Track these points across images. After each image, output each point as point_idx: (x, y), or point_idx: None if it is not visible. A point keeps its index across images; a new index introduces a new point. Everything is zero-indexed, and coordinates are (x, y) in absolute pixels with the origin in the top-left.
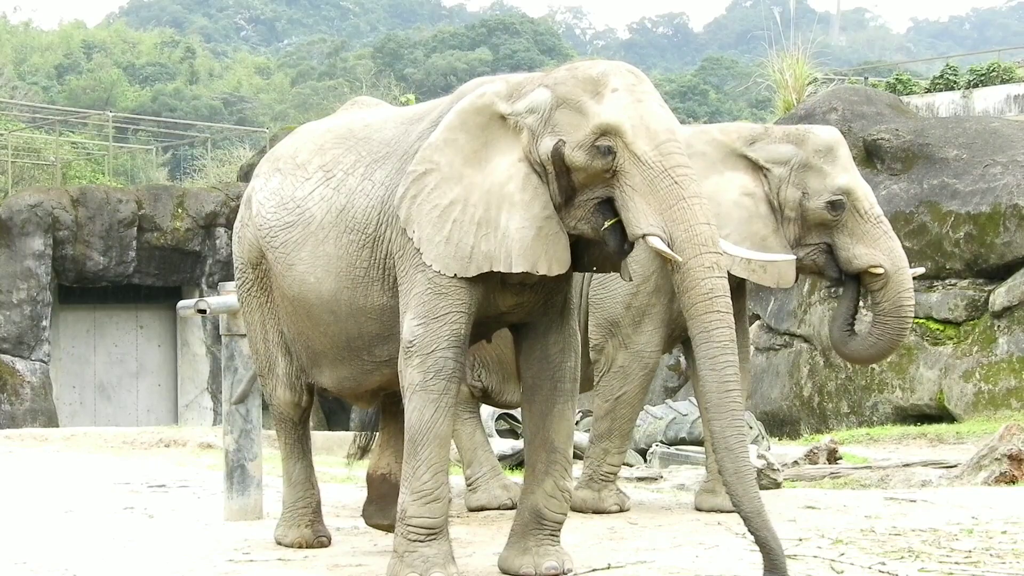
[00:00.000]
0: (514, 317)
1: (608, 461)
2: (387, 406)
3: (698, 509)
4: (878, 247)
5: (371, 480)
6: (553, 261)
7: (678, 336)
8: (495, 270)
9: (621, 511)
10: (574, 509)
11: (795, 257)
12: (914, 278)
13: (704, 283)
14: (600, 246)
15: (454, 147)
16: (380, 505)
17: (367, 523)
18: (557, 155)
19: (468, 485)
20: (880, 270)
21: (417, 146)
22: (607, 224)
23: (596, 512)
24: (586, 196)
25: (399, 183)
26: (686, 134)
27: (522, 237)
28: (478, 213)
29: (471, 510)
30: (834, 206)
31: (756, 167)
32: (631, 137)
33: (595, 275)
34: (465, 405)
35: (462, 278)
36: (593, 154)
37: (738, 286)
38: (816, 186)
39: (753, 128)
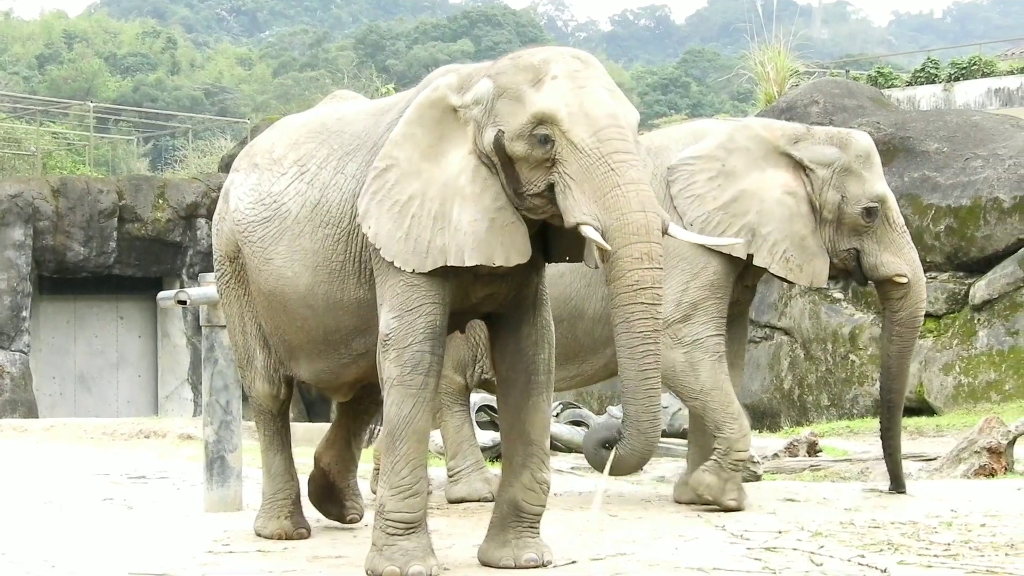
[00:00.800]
0: (486, 308)
1: (736, 447)
2: (343, 403)
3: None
4: (903, 256)
5: (315, 467)
6: (511, 251)
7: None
8: (449, 264)
9: (738, 509)
10: (694, 491)
11: (739, 241)
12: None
13: (630, 274)
14: (566, 235)
15: (412, 142)
16: (319, 496)
17: (310, 500)
18: (499, 146)
19: (450, 476)
20: (904, 279)
21: (385, 138)
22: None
23: (713, 501)
24: (534, 187)
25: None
26: (728, 127)
27: (475, 230)
28: (434, 208)
29: (451, 502)
30: (869, 212)
31: (799, 166)
32: (568, 124)
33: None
34: (456, 397)
35: (433, 272)
36: (532, 143)
37: (744, 288)
38: (855, 191)
39: (796, 127)
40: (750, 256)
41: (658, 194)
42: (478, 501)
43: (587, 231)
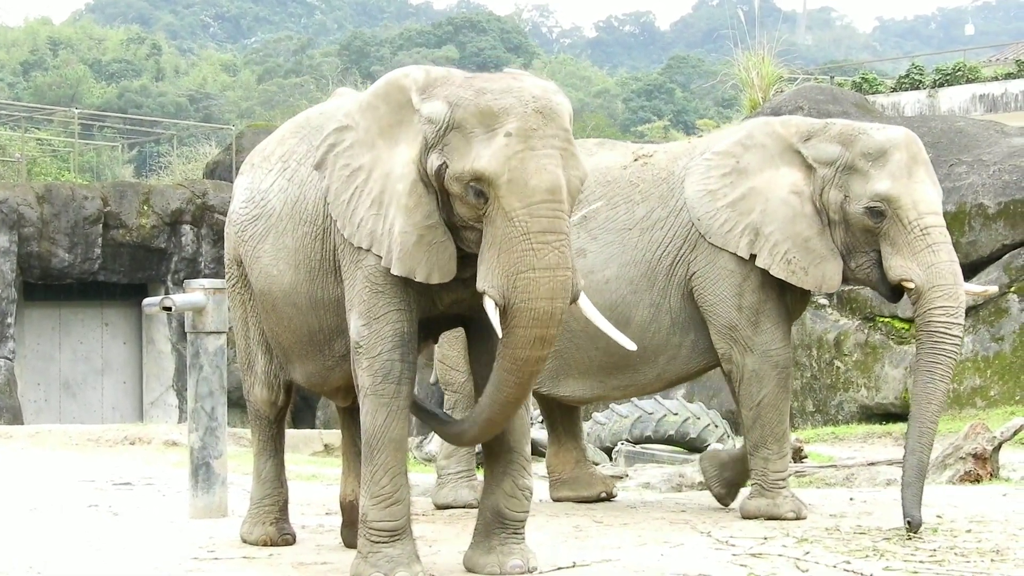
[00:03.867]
0: (456, 312)
1: (772, 469)
2: (344, 427)
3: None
4: (916, 260)
5: (343, 507)
6: (434, 269)
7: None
8: (373, 253)
9: (798, 518)
10: (747, 518)
11: (632, 346)
12: (974, 294)
13: (519, 351)
14: None
15: (375, 114)
16: (354, 529)
17: (345, 544)
18: (439, 177)
19: (438, 478)
20: (911, 284)
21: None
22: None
23: (772, 519)
24: (465, 221)
25: None
26: (750, 125)
27: (403, 242)
28: (375, 190)
29: (437, 507)
30: (872, 213)
31: (808, 165)
32: (504, 192)
33: (696, 280)
34: (469, 400)
35: (397, 277)
36: (468, 191)
37: (802, 294)
38: (858, 190)
39: (812, 124)
40: (753, 257)
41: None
42: (463, 507)
43: (487, 304)
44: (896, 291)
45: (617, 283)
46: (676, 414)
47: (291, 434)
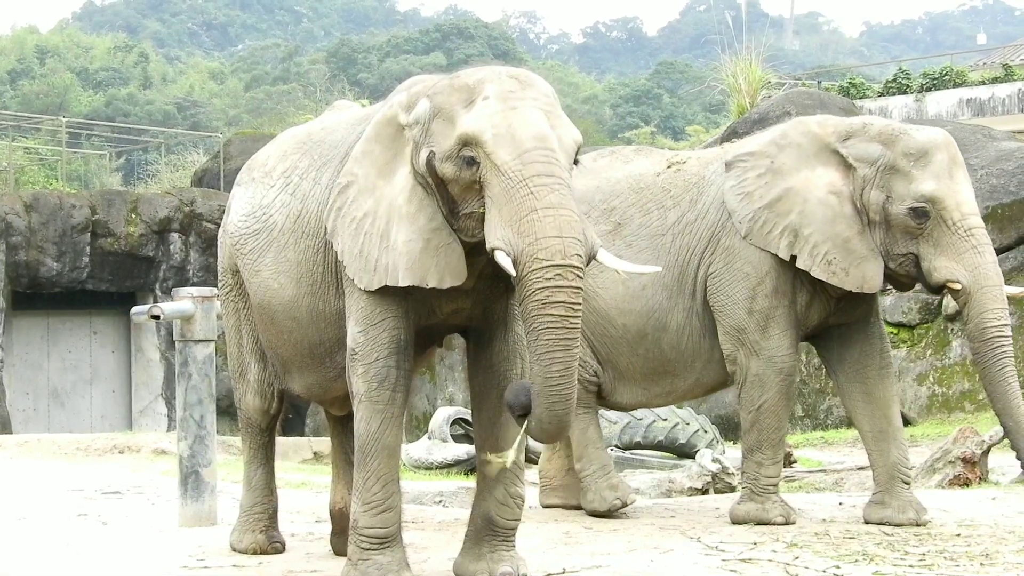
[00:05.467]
0: (456, 321)
1: (764, 474)
2: (334, 435)
3: (867, 521)
4: (961, 261)
5: (333, 514)
6: (445, 273)
7: (806, 337)
8: (390, 284)
9: (787, 523)
10: (737, 523)
11: (657, 269)
12: (1013, 296)
13: (539, 292)
14: None
15: (370, 159)
16: (344, 537)
17: (335, 552)
18: (430, 167)
19: (581, 483)
20: (957, 286)
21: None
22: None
23: (761, 523)
24: (466, 208)
25: None
26: (784, 125)
27: (409, 251)
28: (382, 226)
29: (588, 515)
30: (916, 213)
31: (847, 165)
32: (492, 147)
33: (711, 281)
34: (580, 400)
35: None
36: (459, 165)
37: (834, 301)
38: (900, 191)
39: (851, 123)
40: (793, 258)
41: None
42: (607, 511)
43: (499, 256)
44: (939, 287)
45: (653, 289)
46: (665, 420)
47: (281, 442)
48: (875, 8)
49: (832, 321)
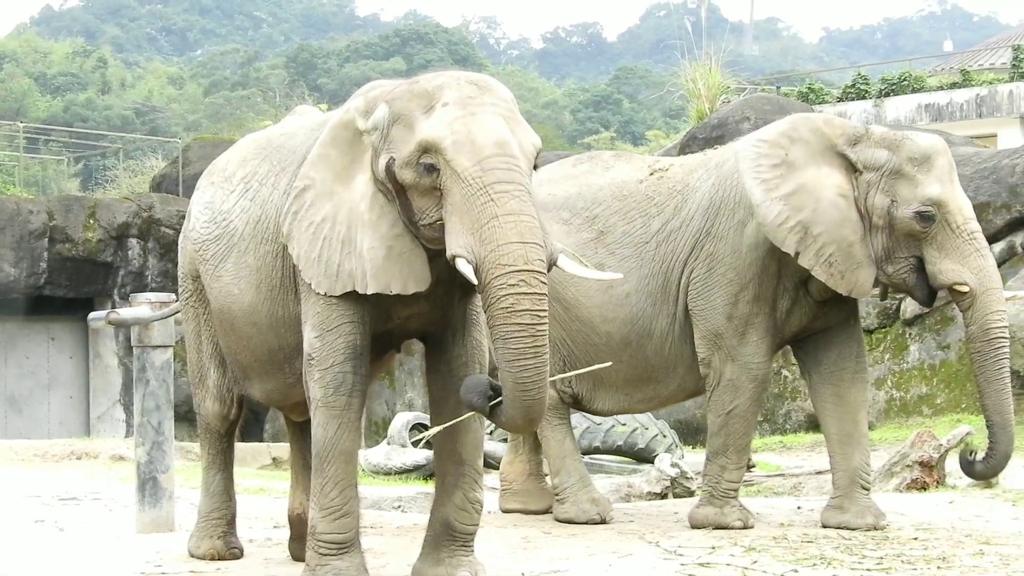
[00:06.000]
0: (415, 326)
1: (726, 478)
2: (293, 440)
3: (824, 525)
4: (967, 264)
5: (291, 520)
6: (408, 279)
7: (783, 343)
8: (355, 290)
9: (745, 527)
10: (696, 527)
11: (619, 276)
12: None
13: (504, 299)
14: None
15: (327, 163)
16: (302, 543)
17: (293, 558)
18: (390, 173)
19: (556, 496)
20: (965, 288)
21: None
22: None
23: (719, 528)
24: (426, 216)
25: None
26: (792, 117)
27: (373, 258)
28: (343, 231)
29: (559, 521)
30: (923, 217)
31: (852, 168)
32: (451, 153)
33: (693, 286)
34: (554, 412)
35: (351, 291)
36: (419, 172)
37: (818, 305)
38: (906, 195)
39: (855, 128)
40: (797, 255)
41: (715, 203)
42: (586, 523)
43: (460, 264)
44: (931, 295)
45: (637, 296)
46: (624, 424)
47: (239, 447)
48: (834, 14)
49: (817, 326)
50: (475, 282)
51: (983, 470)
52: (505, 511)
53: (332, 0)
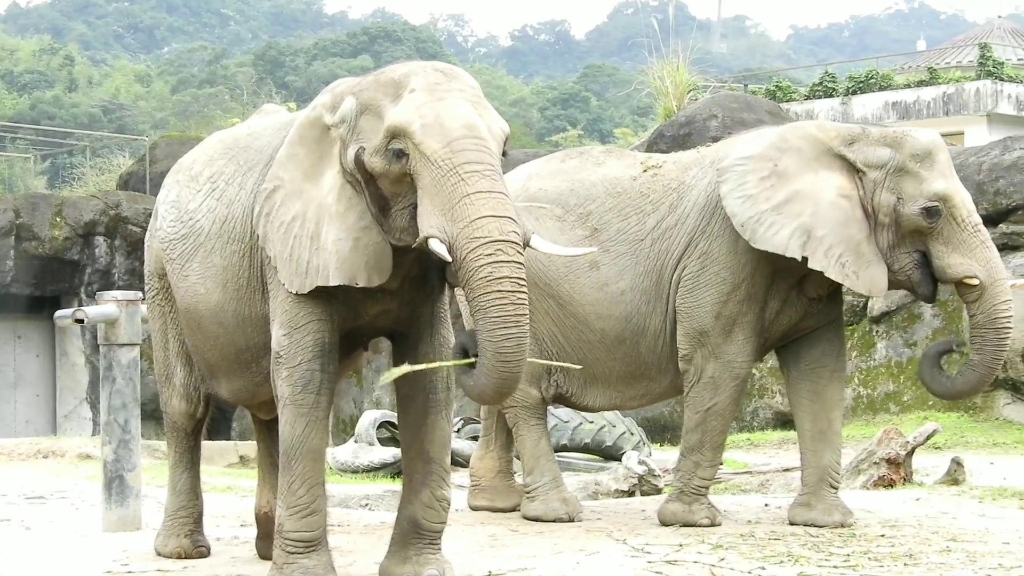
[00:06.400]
0: (383, 323)
1: (699, 475)
2: (260, 439)
3: (792, 523)
4: (974, 257)
5: (258, 518)
6: (374, 272)
7: (771, 345)
8: (321, 284)
9: (712, 525)
10: (664, 523)
11: (593, 250)
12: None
13: (481, 269)
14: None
15: (295, 162)
16: (269, 541)
17: (260, 556)
18: (359, 163)
19: (527, 494)
20: (975, 281)
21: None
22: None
23: (686, 525)
24: (399, 204)
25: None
26: (781, 128)
27: (339, 249)
28: (311, 228)
29: (526, 519)
30: (929, 212)
31: (853, 169)
32: (420, 137)
33: (683, 283)
34: (532, 411)
35: (319, 288)
36: (389, 158)
37: (834, 291)
38: (911, 191)
39: (851, 128)
40: (805, 259)
41: (711, 202)
42: (554, 521)
43: (433, 244)
44: (935, 291)
45: (632, 294)
46: (592, 422)
47: (206, 446)
48: (802, 12)
49: (808, 325)
50: (448, 259)
51: (951, 387)
52: (473, 508)
53: None
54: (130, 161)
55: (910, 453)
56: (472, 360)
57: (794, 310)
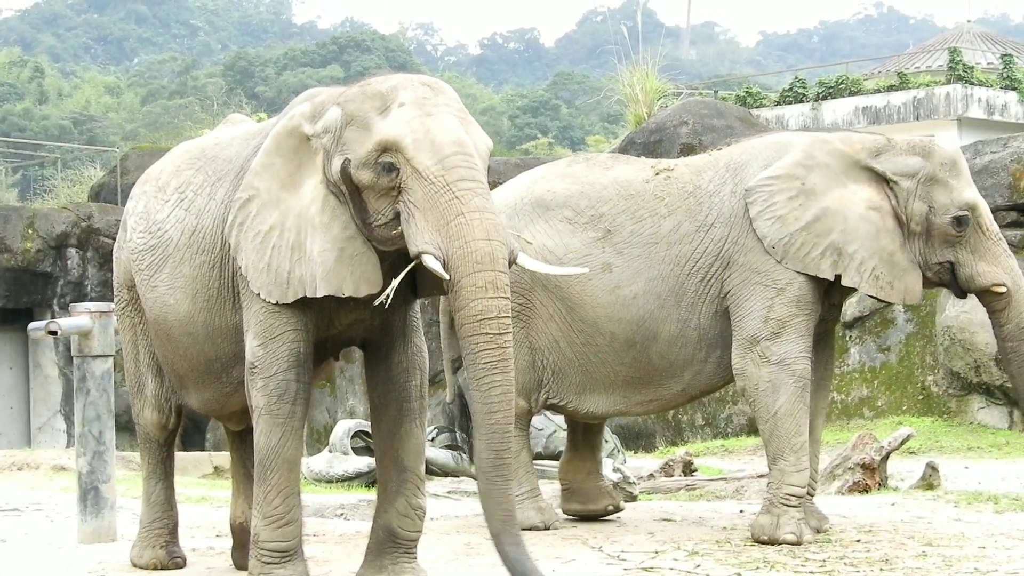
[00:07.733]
0: (355, 333)
1: (787, 482)
2: (234, 449)
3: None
4: (999, 265)
5: (233, 529)
6: (360, 282)
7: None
8: (307, 295)
9: (797, 543)
10: (753, 537)
11: (585, 270)
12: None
13: (474, 304)
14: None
15: (271, 171)
16: (244, 552)
17: (236, 566)
18: (345, 174)
19: None
20: (1003, 289)
21: (251, 163)
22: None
23: (770, 541)
24: (381, 216)
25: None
26: (805, 143)
27: (324, 260)
28: (292, 238)
29: None
30: (959, 222)
31: (881, 180)
32: (412, 152)
33: (733, 297)
34: (517, 421)
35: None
36: (377, 171)
37: (830, 307)
38: (943, 200)
39: (876, 140)
40: (838, 277)
41: (737, 212)
42: (530, 529)
43: (427, 260)
44: (965, 291)
45: (645, 298)
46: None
47: (181, 456)
48: (771, 18)
49: (819, 330)
50: (445, 277)
51: None
52: (567, 513)
53: (269, 8)
54: (101, 173)
55: (885, 458)
56: None
57: (822, 314)
